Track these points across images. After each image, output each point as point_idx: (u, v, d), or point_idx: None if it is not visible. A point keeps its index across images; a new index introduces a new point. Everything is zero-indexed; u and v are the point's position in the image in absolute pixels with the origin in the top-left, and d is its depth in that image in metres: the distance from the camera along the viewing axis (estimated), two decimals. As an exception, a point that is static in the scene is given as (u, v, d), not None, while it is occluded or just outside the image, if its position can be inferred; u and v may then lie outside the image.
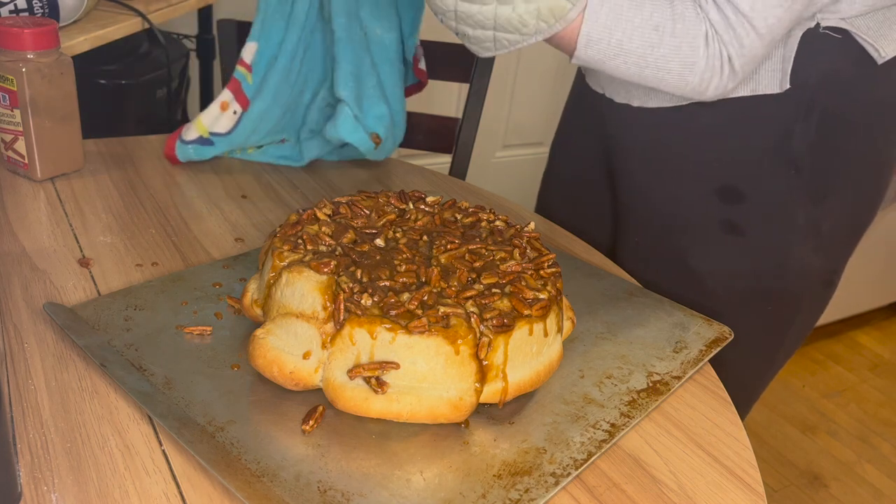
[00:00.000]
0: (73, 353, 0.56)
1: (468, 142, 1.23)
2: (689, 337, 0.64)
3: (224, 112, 0.87)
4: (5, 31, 0.74)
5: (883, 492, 1.70)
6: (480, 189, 0.94)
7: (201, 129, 0.87)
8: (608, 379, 0.58)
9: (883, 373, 2.12)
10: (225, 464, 0.46)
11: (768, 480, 1.69)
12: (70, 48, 1.05)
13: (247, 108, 0.88)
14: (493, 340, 0.51)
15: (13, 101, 0.76)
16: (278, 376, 0.52)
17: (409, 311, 0.51)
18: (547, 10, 0.65)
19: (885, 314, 2.35)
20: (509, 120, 2.30)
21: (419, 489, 0.47)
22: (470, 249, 0.58)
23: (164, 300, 0.62)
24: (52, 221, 0.74)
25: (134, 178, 0.85)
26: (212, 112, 0.87)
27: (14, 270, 0.65)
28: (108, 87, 1.41)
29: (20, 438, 0.48)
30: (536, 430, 0.52)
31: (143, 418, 0.51)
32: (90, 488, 0.45)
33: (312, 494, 0.45)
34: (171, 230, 0.75)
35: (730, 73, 0.67)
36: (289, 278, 0.54)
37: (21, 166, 0.80)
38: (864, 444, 1.84)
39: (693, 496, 0.49)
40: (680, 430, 0.55)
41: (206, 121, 0.87)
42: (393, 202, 0.65)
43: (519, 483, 0.47)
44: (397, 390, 0.50)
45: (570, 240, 0.83)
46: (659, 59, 0.66)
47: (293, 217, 0.61)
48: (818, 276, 0.79)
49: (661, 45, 0.66)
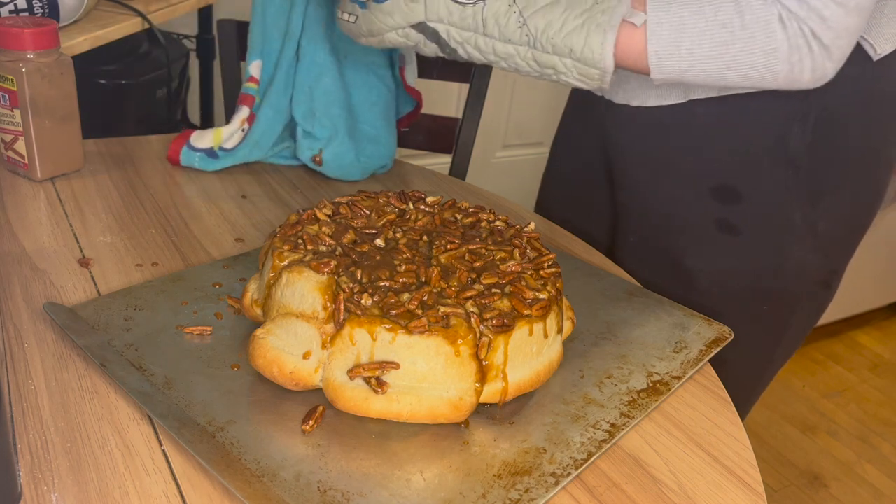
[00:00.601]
0: (73, 353, 0.56)
1: (468, 142, 1.23)
2: (689, 337, 0.64)
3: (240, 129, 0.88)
4: (5, 31, 0.74)
5: (883, 492, 1.70)
6: (480, 189, 0.94)
7: (217, 140, 0.88)
8: (608, 379, 0.58)
9: (883, 373, 2.12)
10: (225, 464, 0.46)
11: (768, 480, 1.69)
12: (70, 48, 1.05)
13: (252, 124, 0.88)
14: (493, 340, 0.51)
15: (13, 101, 0.76)
16: (278, 376, 0.52)
17: (409, 312, 0.51)
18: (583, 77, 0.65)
19: (885, 314, 2.35)
20: (509, 120, 2.30)
21: (419, 489, 0.47)
22: (470, 249, 0.58)
23: (164, 300, 0.62)
24: (52, 221, 0.74)
25: (134, 178, 0.85)
26: (232, 127, 0.88)
27: (14, 270, 0.65)
28: (108, 87, 1.41)
29: (20, 438, 0.48)
30: (536, 430, 0.52)
31: (143, 418, 0.51)
32: (90, 488, 0.45)
33: (312, 494, 0.45)
34: (171, 230, 0.75)
35: (820, 50, 0.63)
36: (289, 278, 0.54)
37: (21, 166, 0.80)
38: (864, 444, 1.84)
39: (693, 496, 0.49)
40: (680, 430, 0.55)
41: (224, 133, 0.88)
42: (393, 202, 0.65)
43: (519, 483, 0.47)
44: (397, 390, 0.50)
45: (570, 240, 0.83)
46: (737, 56, 0.64)
47: (293, 217, 0.61)
48: (816, 277, 0.79)
49: (735, 42, 0.63)
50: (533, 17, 0.65)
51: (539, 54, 0.66)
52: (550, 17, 0.65)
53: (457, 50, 0.70)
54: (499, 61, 0.69)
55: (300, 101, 0.88)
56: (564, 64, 0.66)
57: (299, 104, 0.88)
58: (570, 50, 0.65)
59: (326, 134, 0.88)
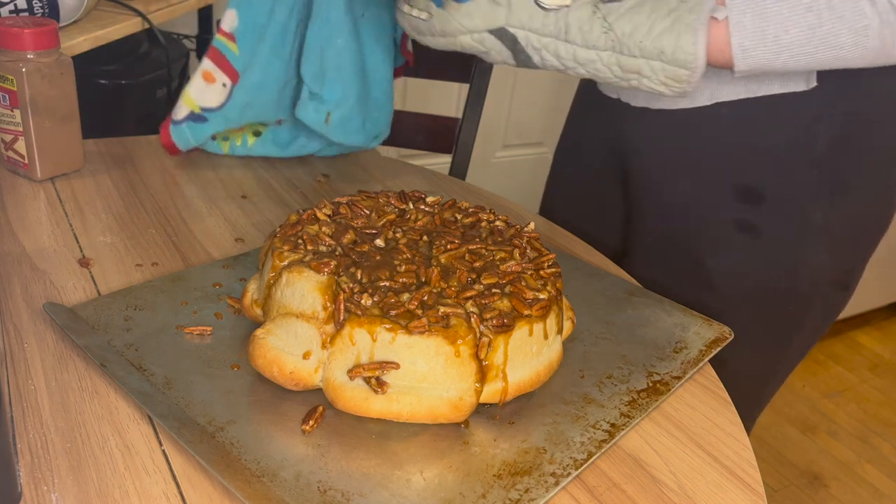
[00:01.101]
0: (73, 353, 0.56)
1: (468, 142, 1.23)
2: (689, 337, 0.64)
3: (211, 84, 0.83)
4: (5, 31, 0.74)
5: (883, 492, 1.70)
6: (480, 189, 0.94)
7: (190, 103, 0.83)
8: (608, 379, 0.58)
9: (883, 373, 2.12)
10: (225, 464, 0.46)
11: (768, 480, 1.69)
12: (70, 48, 1.05)
13: (237, 81, 0.83)
14: (493, 340, 0.51)
15: (13, 101, 0.76)
16: (278, 376, 0.52)
17: (409, 312, 0.51)
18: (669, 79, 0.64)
19: (885, 314, 2.35)
20: (509, 120, 2.30)
21: (419, 489, 0.47)
22: (470, 249, 0.58)
23: (164, 300, 0.62)
24: (52, 221, 0.74)
25: (134, 178, 0.85)
26: (196, 84, 0.83)
27: (14, 270, 0.65)
28: (108, 87, 1.41)
29: (20, 438, 0.48)
30: (536, 430, 0.52)
31: (143, 418, 0.51)
32: (90, 488, 0.45)
33: (312, 494, 0.45)
34: (171, 230, 0.75)
35: None
36: (289, 278, 0.54)
37: (21, 166, 0.80)
38: (864, 444, 1.84)
39: (693, 496, 0.49)
40: (680, 430, 0.55)
41: (193, 93, 0.83)
42: (393, 202, 0.65)
43: (519, 483, 0.47)
44: (397, 390, 0.50)
45: (570, 240, 0.83)
46: (827, 38, 0.62)
47: (293, 217, 0.61)
48: (831, 277, 0.79)
49: (822, 24, 0.62)
50: (618, 22, 0.64)
51: (624, 59, 0.65)
52: (637, 21, 0.64)
53: (532, 57, 0.68)
54: (576, 67, 0.67)
55: (310, 60, 0.82)
56: (651, 67, 0.64)
57: (309, 64, 0.82)
58: (661, 52, 0.63)
59: (336, 98, 0.83)
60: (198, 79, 0.83)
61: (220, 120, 0.84)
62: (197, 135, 0.85)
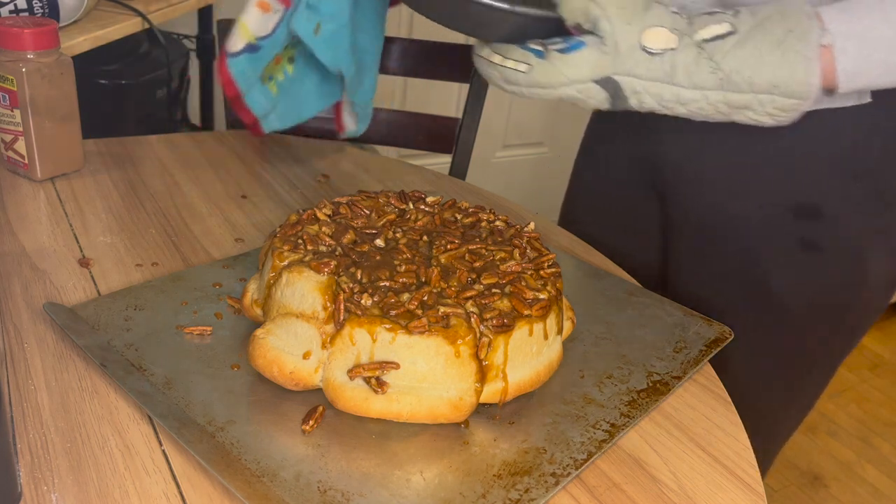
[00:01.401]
0: (73, 353, 0.56)
1: (468, 142, 1.24)
2: (689, 337, 0.64)
3: (266, 13, 0.81)
4: (5, 31, 0.74)
5: (883, 492, 1.70)
6: (480, 189, 0.94)
7: (246, 34, 0.81)
8: (608, 379, 0.58)
9: (883, 373, 2.12)
10: (225, 464, 0.46)
11: (768, 480, 1.69)
12: (70, 48, 1.05)
13: (289, 5, 0.81)
14: (493, 340, 0.51)
15: (13, 101, 0.77)
16: (278, 376, 0.52)
17: (409, 312, 0.51)
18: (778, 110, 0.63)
19: (885, 314, 2.35)
20: (509, 120, 2.30)
21: (419, 489, 0.47)
22: (470, 249, 0.58)
23: (164, 300, 0.62)
24: (52, 221, 0.74)
25: (134, 178, 0.85)
26: (253, 13, 0.81)
27: (14, 270, 0.65)
28: (108, 87, 1.41)
29: (20, 438, 0.48)
30: (536, 430, 0.52)
31: (143, 418, 0.51)
32: (90, 488, 0.45)
33: (312, 494, 0.45)
34: (171, 230, 0.75)
35: None
36: (289, 278, 0.54)
37: (21, 166, 0.80)
38: (864, 444, 1.84)
39: (693, 496, 0.49)
40: (680, 430, 0.55)
41: (251, 24, 0.81)
42: (393, 202, 0.65)
43: (519, 483, 0.48)
44: (397, 390, 0.51)
45: (570, 240, 0.83)
46: None
47: (293, 217, 0.61)
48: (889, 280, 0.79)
49: None
50: (725, 60, 0.62)
51: (731, 96, 0.63)
52: (743, 56, 0.62)
53: (629, 99, 0.65)
54: (677, 107, 0.65)
55: None
56: (760, 101, 0.63)
57: None
58: (774, 85, 0.62)
59: (330, 11, 0.82)
60: (252, 9, 0.81)
61: (269, 46, 0.82)
62: (256, 65, 0.83)
